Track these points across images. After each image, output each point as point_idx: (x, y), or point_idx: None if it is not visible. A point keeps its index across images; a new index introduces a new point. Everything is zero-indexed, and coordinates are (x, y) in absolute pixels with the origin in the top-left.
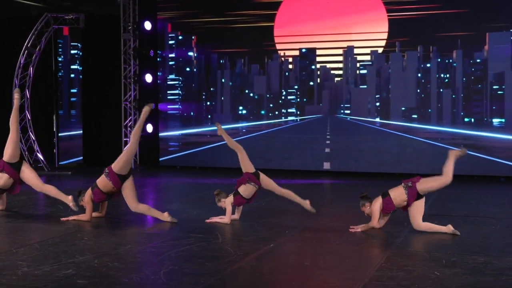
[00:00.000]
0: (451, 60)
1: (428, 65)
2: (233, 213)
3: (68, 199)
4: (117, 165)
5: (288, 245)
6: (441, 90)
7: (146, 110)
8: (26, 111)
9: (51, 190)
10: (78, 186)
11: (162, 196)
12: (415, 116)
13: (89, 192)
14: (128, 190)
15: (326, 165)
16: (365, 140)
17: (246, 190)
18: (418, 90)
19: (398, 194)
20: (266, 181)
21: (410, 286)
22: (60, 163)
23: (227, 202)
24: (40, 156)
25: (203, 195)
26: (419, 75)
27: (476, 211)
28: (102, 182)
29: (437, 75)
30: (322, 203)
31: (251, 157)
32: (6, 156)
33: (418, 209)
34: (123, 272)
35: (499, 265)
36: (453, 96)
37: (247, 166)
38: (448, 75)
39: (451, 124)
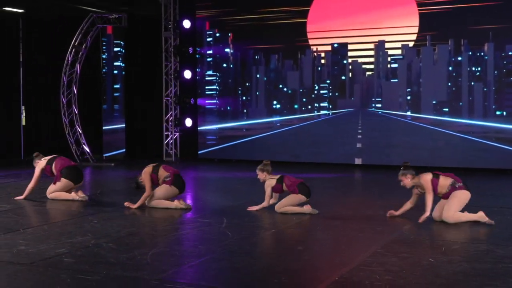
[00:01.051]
0: (482, 53)
1: (459, 58)
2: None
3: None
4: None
5: (289, 231)
6: (473, 83)
7: None
8: (73, 106)
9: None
10: (120, 176)
11: (194, 187)
12: (446, 109)
13: (149, 170)
14: (160, 189)
15: (358, 161)
16: (396, 134)
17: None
18: (449, 84)
19: (444, 184)
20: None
21: (398, 272)
22: (104, 155)
23: (268, 184)
24: (86, 148)
25: (234, 186)
26: (450, 68)
27: (495, 202)
28: (162, 174)
29: (468, 68)
30: (343, 194)
31: (283, 151)
32: None
33: (459, 198)
34: (113, 253)
35: (501, 253)
36: (485, 89)
37: None
38: (479, 68)
39: (482, 117)
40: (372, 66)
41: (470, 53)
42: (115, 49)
